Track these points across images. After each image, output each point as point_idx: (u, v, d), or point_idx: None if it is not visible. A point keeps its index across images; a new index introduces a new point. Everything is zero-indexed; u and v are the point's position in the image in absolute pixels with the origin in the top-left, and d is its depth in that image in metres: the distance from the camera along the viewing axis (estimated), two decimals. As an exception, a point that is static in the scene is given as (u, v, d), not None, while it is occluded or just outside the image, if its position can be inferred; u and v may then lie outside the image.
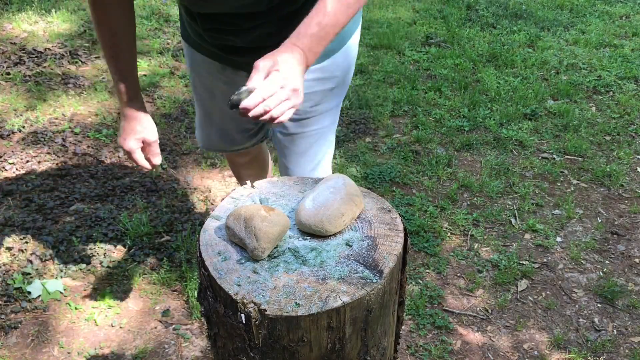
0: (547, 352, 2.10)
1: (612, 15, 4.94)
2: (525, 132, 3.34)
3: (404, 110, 3.51)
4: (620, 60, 4.14)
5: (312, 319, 0.91)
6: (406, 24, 4.63)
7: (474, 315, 2.24)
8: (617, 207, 2.82)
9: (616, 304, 2.30)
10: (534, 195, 2.87)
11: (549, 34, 4.57)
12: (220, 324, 1.00)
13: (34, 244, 2.40)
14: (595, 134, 3.35)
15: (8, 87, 3.42)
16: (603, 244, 2.59)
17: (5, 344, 2.03)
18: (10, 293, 2.18)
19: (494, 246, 2.55)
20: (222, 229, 1.06)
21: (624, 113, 3.56)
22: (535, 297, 2.32)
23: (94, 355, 2.01)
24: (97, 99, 3.39)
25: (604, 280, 2.40)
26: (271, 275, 0.96)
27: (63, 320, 2.13)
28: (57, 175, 2.78)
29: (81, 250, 2.38)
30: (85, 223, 2.52)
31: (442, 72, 3.94)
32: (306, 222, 1.03)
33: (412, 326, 2.18)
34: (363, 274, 0.96)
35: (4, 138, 3.00)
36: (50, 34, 4.01)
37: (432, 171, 2.99)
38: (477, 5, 5.06)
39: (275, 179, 1.22)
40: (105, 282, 2.27)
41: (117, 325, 2.12)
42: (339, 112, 1.75)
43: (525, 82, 3.84)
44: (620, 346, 2.13)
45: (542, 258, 2.51)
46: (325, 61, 1.55)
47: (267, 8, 1.38)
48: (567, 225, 2.69)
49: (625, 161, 3.12)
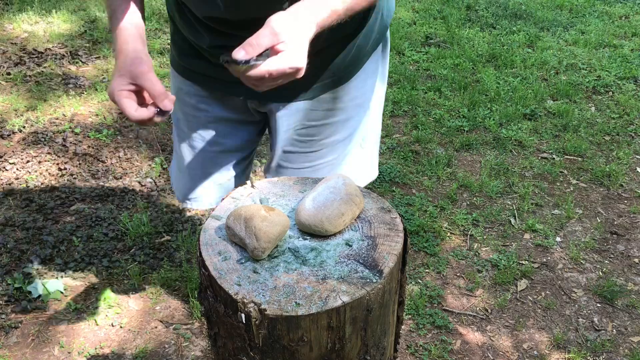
0: (547, 352, 2.10)
1: (611, 16, 4.94)
2: (525, 132, 3.34)
3: (404, 111, 3.51)
4: (619, 61, 4.15)
5: (312, 318, 0.91)
6: (406, 24, 4.64)
7: (473, 315, 2.24)
8: (616, 207, 2.82)
9: (615, 304, 2.30)
10: (534, 195, 2.87)
11: (549, 34, 4.57)
12: (221, 323, 1.00)
13: (34, 244, 2.40)
14: (595, 134, 3.35)
15: (9, 88, 3.42)
16: (602, 244, 2.60)
17: (5, 343, 2.03)
18: (11, 293, 2.19)
19: (493, 246, 2.56)
20: (222, 229, 1.07)
21: (623, 113, 3.56)
22: (535, 297, 2.33)
23: (94, 355, 2.01)
24: (97, 99, 3.39)
25: (604, 280, 2.40)
26: (271, 275, 0.96)
27: (63, 320, 2.13)
28: (58, 175, 2.79)
29: (81, 250, 2.39)
30: (86, 223, 2.52)
31: (441, 72, 3.94)
32: (306, 222, 1.03)
33: (412, 326, 2.18)
34: (363, 274, 0.96)
35: (4, 138, 3.00)
36: (51, 35, 4.01)
37: (431, 171, 3.00)
38: (477, 5, 5.06)
39: (275, 179, 1.22)
40: (106, 282, 2.28)
41: (118, 325, 2.12)
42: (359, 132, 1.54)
43: (525, 82, 3.84)
44: (620, 346, 2.14)
45: (542, 258, 2.51)
46: (337, 89, 1.39)
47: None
48: (566, 225, 2.69)
49: (624, 161, 3.12)
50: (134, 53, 1.15)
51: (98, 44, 3.97)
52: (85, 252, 2.38)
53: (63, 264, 2.32)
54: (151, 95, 1.12)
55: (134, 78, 1.13)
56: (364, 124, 1.49)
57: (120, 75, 1.13)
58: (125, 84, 1.13)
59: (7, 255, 2.34)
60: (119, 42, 1.17)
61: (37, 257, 2.33)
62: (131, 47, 1.16)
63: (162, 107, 1.12)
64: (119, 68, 1.14)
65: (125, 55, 1.15)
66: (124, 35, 1.17)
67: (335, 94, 1.40)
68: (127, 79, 1.13)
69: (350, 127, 1.46)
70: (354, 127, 1.47)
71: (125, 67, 1.14)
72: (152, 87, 1.12)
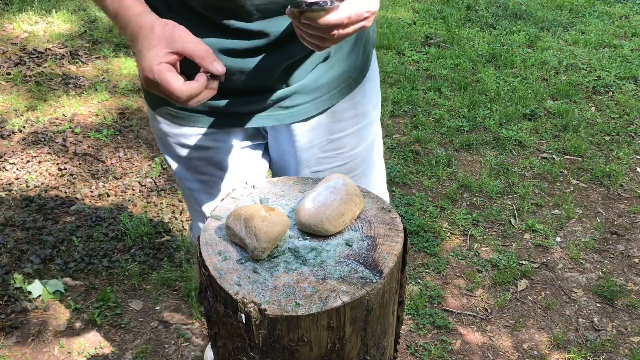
0: (547, 352, 2.10)
1: (611, 16, 4.94)
2: (525, 132, 3.34)
3: (404, 111, 3.51)
4: (619, 61, 4.15)
5: (312, 318, 0.91)
6: (406, 24, 4.64)
7: (473, 315, 2.24)
8: (616, 207, 2.82)
9: (615, 304, 2.30)
10: (534, 195, 2.87)
11: (549, 34, 4.57)
12: (221, 323, 1.00)
13: (34, 244, 2.40)
14: (595, 134, 3.35)
15: (8, 88, 3.42)
16: (602, 244, 2.60)
17: (5, 344, 2.03)
18: (11, 293, 2.19)
19: (493, 246, 2.56)
20: (222, 229, 1.07)
21: (623, 113, 3.56)
22: (535, 297, 2.33)
23: (94, 355, 2.01)
24: (97, 99, 3.39)
25: (604, 280, 2.40)
26: (271, 275, 0.96)
27: (63, 320, 2.13)
28: (58, 175, 2.79)
29: (81, 250, 2.39)
30: (86, 223, 2.52)
31: (441, 72, 3.94)
32: (306, 222, 1.03)
33: (412, 326, 2.18)
34: (363, 274, 0.96)
35: (4, 138, 3.01)
36: (51, 34, 4.01)
37: (431, 171, 3.00)
38: (477, 5, 5.06)
39: (275, 179, 1.22)
40: (106, 282, 2.28)
41: (118, 325, 2.12)
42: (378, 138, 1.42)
43: (525, 82, 3.84)
44: (620, 346, 2.14)
45: (542, 258, 2.51)
46: (356, 91, 1.27)
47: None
48: (566, 225, 2.69)
49: (624, 161, 3.12)
50: (160, 20, 0.95)
51: (98, 44, 3.97)
52: (85, 252, 2.38)
53: (63, 264, 2.32)
54: (197, 58, 0.92)
55: (171, 44, 0.91)
56: (379, 127, 1.41)
57: (153, 47, 0.91)
58: (163, 55, 0.91)
59: (7, 255, 2.34)
60: (133, 17, 0.97)
61: (37, 257, 2.33)
62: (153, 16, 0.96)
63: (214, 71, 0.93)
64: (148, 40, 0.93)
65: (151, 24, 0.94)
66: (136, 9, 0.98)
67: (353, 99, 1.28)
68: (163, 49, 0.91)
69: (373, 132, 1.37)
70: (375, 130, 1.38)
71: (156, 35, 0.92)
72: (195, 49, 0.92)
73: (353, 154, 1.33)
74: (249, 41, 1.11)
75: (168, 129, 1.27)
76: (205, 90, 0.94)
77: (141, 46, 0.93)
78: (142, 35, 0.94)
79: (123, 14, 0.98)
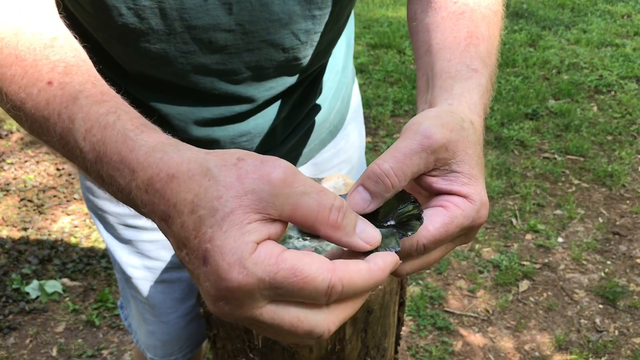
0: (549, 353, 2.09)
1: (613, 15, 4.93)
2: (527, 131, 3.33)
3: (405, 110, 3.50)
4: (621, 60, 4.14)
5: (312, 320, 0.90)
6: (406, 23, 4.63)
7: (475, 316, 2.23)
8: (618, 207, 2.81)
9: (618, 305, 2.29)
10: (535, 195, 2.86)
11: (550, 33, 4.56)
12: (220, 325, 0.99)
13: (32, 245, 2.39)
14: (597, 134, 3.34)
15: (7, 87, 3.42)
16: (604, 245, 2.58)
17: (3, 345, 2.02)
18: (9, 294, 2.17)
19: (495, 247, 2.55)
20: (220, 229, 1.05)
21: (626, 113, 3.55)
22: (537, 298, 2.31)
23: (93, 356, 2.00)
24: (96, 98, 3.39)
25: (606, 280, 2.39)
26: (270, 276, 0.95)
27: (62, 321, 2.12)
28: (56, 175, 2.78)
29: (80, 251, 2.38)
30: (84, 223, 2.51)
31: (442, 71, 3.93)
32: (306, 222, 1.02)
33: (412, 327, 2.17)
34: (363, 275, 0.95)
35: (2, 138, 3.00)
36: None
37: (432, 171, 2.99)
38: (478, 4, 5.06)
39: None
40: (104, 283, 2.27)
41: (116, 326, 2.11)
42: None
43: (527, 82, 3.83)
44: (622, 347, 2.12)
45: (544, 258, 2.50)
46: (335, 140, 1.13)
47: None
48: (568, 226, 2.68)
49: (626, 161, 3.11)
50: (216, 154, 0.47)
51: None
52: (83, 253, 2.37)
53: (61, 265, 2.31)
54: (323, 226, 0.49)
55: (273, 203, 0.47)
56: (364, 162, 1.26)
57: (230, 217, 0.44)
58: (264, 228, 0.47)
59: (5, 256, 2.33)
60: (145, 160, 0.47)
61: (35, 258, 2.32)
62: (189, 151, 0.48)
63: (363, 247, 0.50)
64: (209, 204, 0.44)
65: (201, 167, 0.45)
66: (144, 140, 0.49)
67: (336, 147, 1.15)
68: (252, 215, 0.45)
69: (359, 172, 1.23)
70: (361, 169, 1.24)
71: (227, 187, 0.44)
72: (324, 200, 0.48)
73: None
74: (234, 107, 0.88)
75: (110, 208, 1.00)
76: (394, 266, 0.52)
77: (187, 221, 0.44)
78: (181, 197, 0.45)
79: (118, 159, 0.49)
